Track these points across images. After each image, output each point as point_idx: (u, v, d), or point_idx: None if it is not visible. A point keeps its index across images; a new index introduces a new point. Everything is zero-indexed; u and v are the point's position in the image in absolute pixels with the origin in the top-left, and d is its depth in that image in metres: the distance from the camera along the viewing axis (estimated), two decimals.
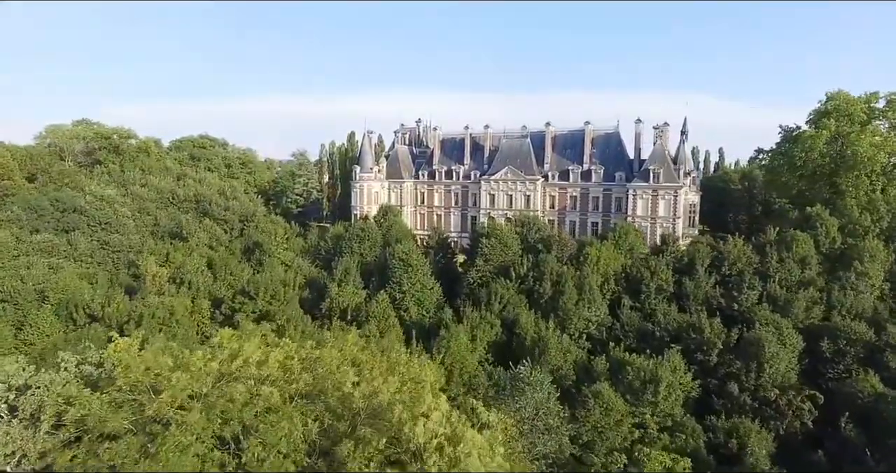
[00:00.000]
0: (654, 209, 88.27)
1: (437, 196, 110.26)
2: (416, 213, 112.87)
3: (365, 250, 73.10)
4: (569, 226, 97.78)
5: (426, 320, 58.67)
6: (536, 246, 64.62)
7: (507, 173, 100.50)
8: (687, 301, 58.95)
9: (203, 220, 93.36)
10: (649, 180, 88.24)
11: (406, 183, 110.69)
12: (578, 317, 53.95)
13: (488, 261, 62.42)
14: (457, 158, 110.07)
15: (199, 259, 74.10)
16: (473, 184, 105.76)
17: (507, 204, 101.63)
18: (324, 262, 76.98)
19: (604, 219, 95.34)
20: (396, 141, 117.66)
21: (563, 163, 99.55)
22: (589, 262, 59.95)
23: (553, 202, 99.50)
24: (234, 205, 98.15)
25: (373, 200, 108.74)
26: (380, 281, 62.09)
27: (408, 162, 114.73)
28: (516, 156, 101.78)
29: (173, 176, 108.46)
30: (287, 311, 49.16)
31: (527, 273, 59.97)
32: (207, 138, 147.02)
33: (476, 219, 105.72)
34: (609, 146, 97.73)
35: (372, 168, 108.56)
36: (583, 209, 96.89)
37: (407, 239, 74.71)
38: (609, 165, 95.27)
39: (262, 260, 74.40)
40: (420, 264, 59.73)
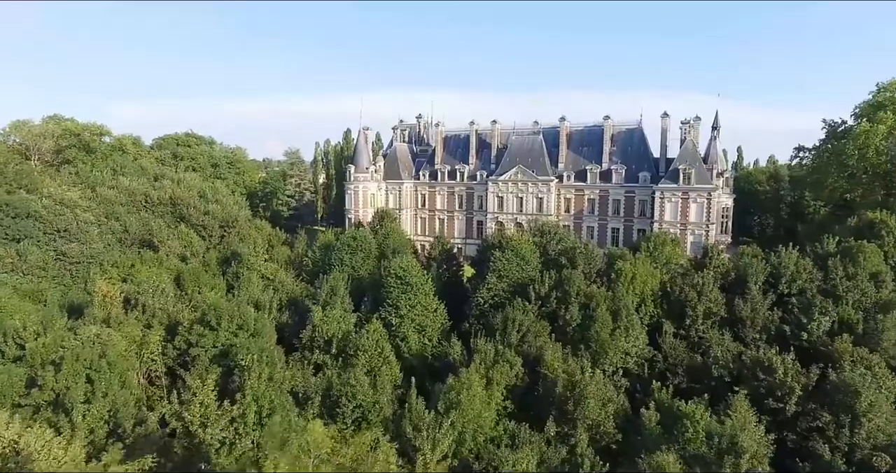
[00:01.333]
0: (684, 214, 78.42)
1: (440, 198, 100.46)
2: (416, 217, 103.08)
3: (357, 263, 63.28)
4: (586, 232, 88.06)
5: (429, 350, 48.83)
6: (558, 260, 54.72)
7: (517, 173, 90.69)
8: (742, 327, 49.02)
9: (178, 226, 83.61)
10: (679, 181, 78.40)
11: (405, 184, 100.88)
12: (615, 350, 44.10)
13: (502, 278, 52.54)
14: (461, 157, 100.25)
15: (166, 273, 64.66)
16: (479, 186, 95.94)
17: (516, 207, 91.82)
18: (311, 275, 67.17)
19: (626, 224, 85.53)
20: (395, 138, 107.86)
21: (580, 163, 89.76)
22: (623, 280, 50.08)
23: (568, 205, 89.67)
24: (215, 208, 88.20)
25: (368, 203, 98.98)
26: (374, 301, 52.27)
27: (407, 161, 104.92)
28: (527, 154, 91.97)
29: (150, 176, 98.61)
30: (256, 346, 39.43)
31: (548, 293, 50.11)
32: (193, 136, 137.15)
33: (483, 224, 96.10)
34: (631, 143, 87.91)
35: (368, 168, 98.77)
36: (602, 213, 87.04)
37: (405, 249, 64.85)
38: (631, 164, 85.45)
39: (239, 273, 64.64)
40: (421, 282, 49.89)
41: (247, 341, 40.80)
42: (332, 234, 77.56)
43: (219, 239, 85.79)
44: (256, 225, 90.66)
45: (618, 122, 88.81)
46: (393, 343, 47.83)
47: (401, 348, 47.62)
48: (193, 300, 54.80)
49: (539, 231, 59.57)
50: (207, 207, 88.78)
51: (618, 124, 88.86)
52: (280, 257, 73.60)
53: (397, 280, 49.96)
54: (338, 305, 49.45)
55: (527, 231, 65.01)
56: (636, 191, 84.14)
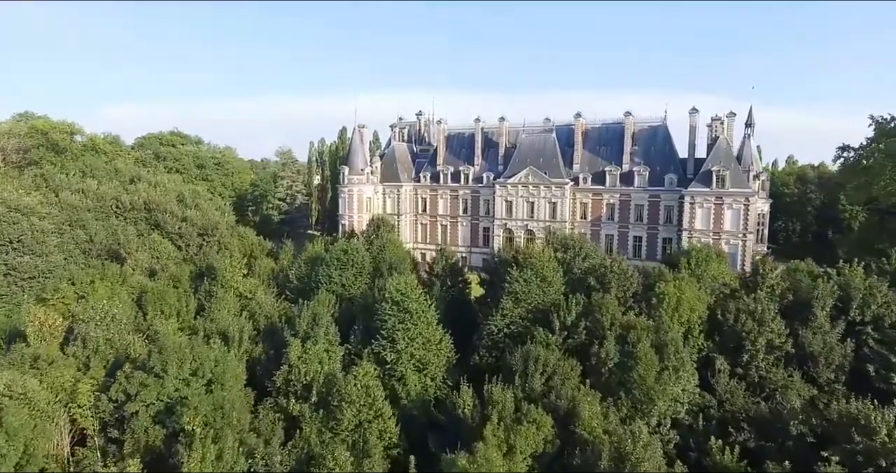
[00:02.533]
0: (718, 221, 69.74)
1: (442, 202, 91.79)
2: (416, 223, 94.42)
3: (348, 280, 54.68)
4: (604, 241, 79.40)
5: (432, 392, 40.18)
6: (585, 280, 46.03)
7: (528, 175, 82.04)
8: (813, 366, 40.40)
9: (151, 235, 75.07)
10: (711, 184, 69.72)
11: (404, 187, 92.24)
12: (662, 397, 35.51)
13: (519, 303, 43.85)
14: (465, 157, 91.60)
15: (127, 292, 56.19)
16: (486, 189, 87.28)
17: (527, 213, 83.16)
18: (296, 292, 58.58)
19: (649, 232, 76.86)
20: (393, 137, 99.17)
21: (597, 163, 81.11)
22: (666, 306, 41.44)
23: (585, 211, 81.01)
24: (193, 214, 79.65)
25: (364, 208, 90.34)
26: (366, 330, 43.58)
27: (407, 161, 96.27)
28: (539, 154, 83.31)
29: (124, 179, 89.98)
30: (211, 401, 30.88)
31: (576, 321, 41.48)
32: (178, 135, 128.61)
33: (489, 231, 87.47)
34: (654, 142, 79.25)
35: (363, 169, 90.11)
36: (622, 219, 78.36)
37: (404, 265, 56.18)
38: (655, 166, 76.80)
39: (212, 291, 56.05)
40: (422, 309, 41.26)
41: (201, 392, 32.12)
42: (322, 245, 68.87)
43: (197, 248, 77.35)
44: (239, 232, 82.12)
45: (639, 119, 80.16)
46: (388, 384, 39.25)
47: (397, 391, 38.98)
48: (153, 327, 46.20)
49: (561, 244, 50.79)
50: (185, 213, 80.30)
51: (640, 121, 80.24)
52: (262, 271, 64.89)
53: (394, 306, 41.30)
54: (320, 337, 40.73)
55: (545, 243, 56.13)
56: (661, 196, 75.49)
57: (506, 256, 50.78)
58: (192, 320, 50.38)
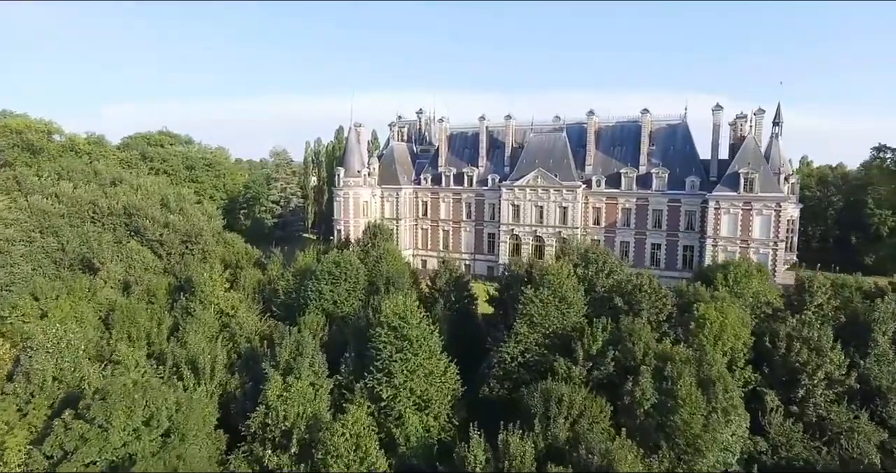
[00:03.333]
0: (745, 228, 63.92)
1: (444, 206, 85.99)
2: (416, 229, 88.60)
3: (340, 297, 48.92)
4: (619, 249, 73.56)
5: (435, 434, 34.36)
6: (611, 300, 40.22)
7: (537, 178, 76.21)
8: (881, 403, 34.63)
9: (129, 242, 69.33)
10: (739, 188, 63.88)
11: (404, 189, 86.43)
12: (712, 447, 29.74)
13: (535, 327, 38.03)
14: (469, 158, 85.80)
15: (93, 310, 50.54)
16: (491, 192, 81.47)
17: (536, 218, 77.34)
18: (284, 309, 52.92)
19: (669, 239, 71.03)
20: (392, 137, 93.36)
21: (612, 165, 75.29)
22: (707, 331, 35.66)
23: (598, 216, 75.18)
24: (176, 220, 73.85)
25: (360, 212, 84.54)
26: (358, 358, 37.78)
27: (406, 162, 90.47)
28: (548, 155, 77.49)
29: (105, 181, 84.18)
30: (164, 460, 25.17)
31: (602, 350, 35.72)
32: (167, 134, 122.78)
33: (495, 237, 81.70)
34: (674, 142, 73.43)
35: (360, 171, 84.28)
36: (639, 225, 72.53)
37: (402, 279, 50.31)
38: (675, 168, 70.98)
39: (189, 308, 50.33)
40: (424, 336, 35.47)
41: (155, 447, 26.31)
42: (313, 254, 63.09)
43: (179, 256, 71.55)
44: (226, 239, 76.47)
45: (657, 118, 74.33)
46: (383, 425, 33.50)
47: (394, 434, 33.17)
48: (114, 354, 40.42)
49: (581, 257, 44.92)
50: (168, 218, 74.47)
51: (657, 119, 74.40)
52: (248, 283, 59.03)
53: (390, 332, 35.47)
54: (304, 369, 34.88)
55: (561, 255, 50.25)
56: (682, 200, 69.66)
57: (517, 271, 44.90)
58: (163, 343, 44.54)
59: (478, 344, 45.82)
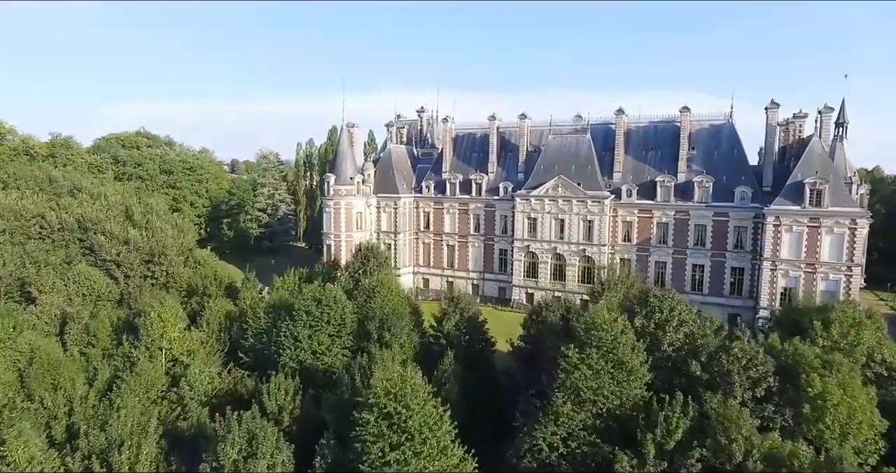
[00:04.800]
0: (812, 249, 53.46)
1: (449, 218, 75.52)
2: (416, 243, 78.13)
3: (321, 345, 38.44)
4: (654, 270, 63.19)
5: None
6: (684, 363, 29.75)
7: (558, 187, 65.74)
8: None
9: (79, 264, 58.89)
10: (804, 201, 53.41)
11: (403, 199, 75.94)
12: None
13: (583, 405, 27.60)
14: (477, 163, 75.36)
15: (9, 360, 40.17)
16: (503, 202, 71.03)
17: (555, 232, 66.87)
18: (254, 357, 42.56)
19: (714, 260, 60.55)
20: (390, 139, 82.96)
21: (645, 172, 64.87)
22: (831, 419, 25.32)
23: (629, 231, 64.71)
24: (138, 236, 63.43)
25: (353, 225, 74.08)
26: (340, 446, 27.35)
27: (406, 168, 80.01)
28: (570, 160, 67.00)
29: (62, 190, 73.74)
30: None
31: (683, 443, 25.39)
32: (145, 136, 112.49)
33: (507, 254, 71.26)
34: (718, 145, 62.97)
35: (353, 178, 73.79)
36: (678, 243, 62.05)
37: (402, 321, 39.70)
38: (721, 175, 60.54)
39: (132, 356, 39.98)
40: (430, 426, 25.13)
41: None
42: (294, 281, 52.64)
43: (140, 279, 61.21)
44: (197, 258, 65.91)
45: (697, 117, 63.90)
46: None
47: None
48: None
49: (637, 300, 34.32)
50: (129, 234, 64.03)
51: (698, 119, 63.96)
52: (213, 317, 48.58)
53: (383, 420, 24.97)
54: (264, 458, 24.51)
55: (607, 294, 39.54)
56: (730, 214, 59.21)
57: (550, 317, 34.34)
58: (87, 413, 34.04)
59: (497, 407, 35.52)
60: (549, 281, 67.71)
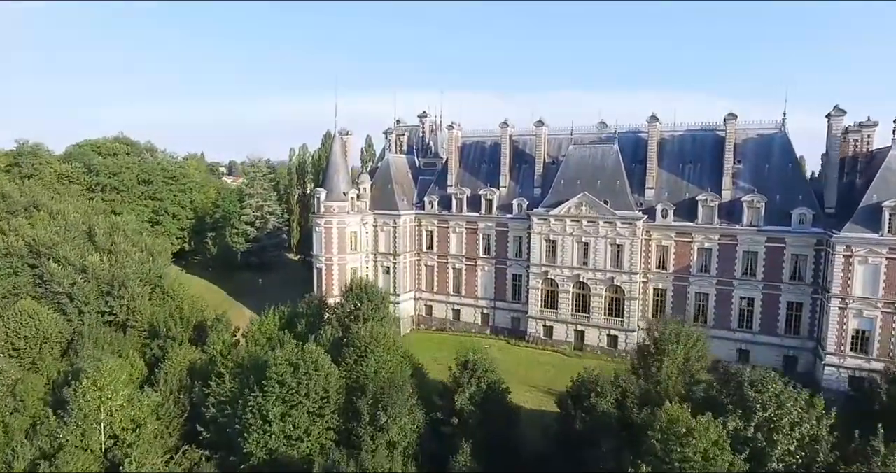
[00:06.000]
0: (891, 286, 44.73)
1: (455, 238, 66.84)
2: (418, 265, 69.49)
3: (297, 428, 29.83)
4: (693, 302, 54.59)
5: None
6: None
7: (581, 204, 57.10)
8: None
9: (24, 299, 50.34)
10: (882, 228, 44.70)
11: (403, 216, 67.24)
12: None
13: None
14: (487, 176, 66.72)
15: None
16: (517, 222, 62.40)
17: (578, 257, 58.23)
18: (216, 433, 34.04)
19: (766, 292, 51.85)
20: (388, 147, 74.32)
21: (682, 188, 56.24)
22: None
23: (664, 257, 56.03)
24: (97, 263, 54.89)
25: (347, 245, 65.41)
26: None
27: (406, 180, 71.34)
28: (595, 174, 58.35)
29: (15, 207, 65.17)
30: None
31: None
32: (124, 141, 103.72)
33: (521, 280, 62.66)
34: (769, 158, 54.29)
35: (346, 192, 65.09)
36: (724, 272, 53.35)
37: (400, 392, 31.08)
38: (774, 194, 51.88)
39: (59, 437, 31.49)
40: None
41: None
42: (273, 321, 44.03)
43: (97, 315, 52.64)
44: (165, 289, 57.13)
45: (745, 125, 55.24)
46: None
47: None
48: None
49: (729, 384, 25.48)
50: (86, 260, 55.51)
51: (745, 127, 55.31)
52: (173, 371, 40.10)
53: None
54: None
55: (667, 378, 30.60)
56: (786, 240, 50.55)
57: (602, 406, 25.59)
58: None
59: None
60: (571, 312, 59.08)
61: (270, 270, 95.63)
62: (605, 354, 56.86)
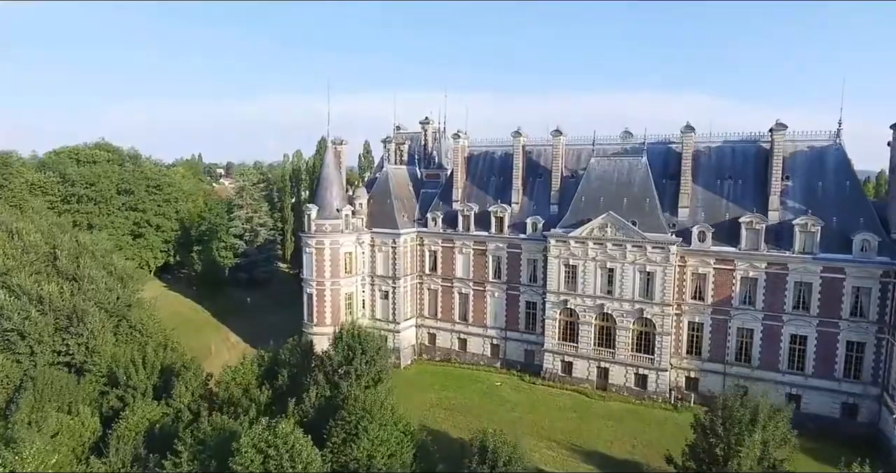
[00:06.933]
0: None
1: (462, 260, 60.01)
2: (420, 289, 62.68)
3: None
4: (735, 339, 47.70)
5: None
6: None
7: (606, 226, 50.26)
8: None
9: None
10: None
11: (403, 235, 60.40)
12: None
13: None
14: (497, 190, 59.93)
15: None
16: (531, 242, 55.61)
17: (602, 285, 51.40)
18: None
19: (823, 330, 44.96)
20: (387, 158, 67.43)
21: (721, 208, 49.42)
22: None
23: (700, 287, 49.16)
24: (55, 293, 48.05)
25: (341, 268, 58.58)
26: None
27: (407, 195, 64.50)
28: (620, 191, 51.51)
29: None
30: None
31: None
32: (104, 148, 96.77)
33: (536, 308, 55.87)
34: (823, 175, 47.42)
35: (340, 209, 58.25)
36: (771, 305, 46.45)
37: None
38: (830, 216, 45.02)
39: None
40: None
41: None
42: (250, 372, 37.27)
43: (52, 356, 45.85)
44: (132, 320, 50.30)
45: (794, 137, 48.39)
46: None
47: None
48: None
49: None
50: (42, 290, 48.69)
51: (794, 139, 48.45)
52: (127, 437, 33.29)
53: None
54: None
55: None
56: (846, 270, 43.68)
57: None
58: None
59: None
60: (593, 347, 52.27)
61: (261, 287, 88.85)
62: (633, 396, 50.09)
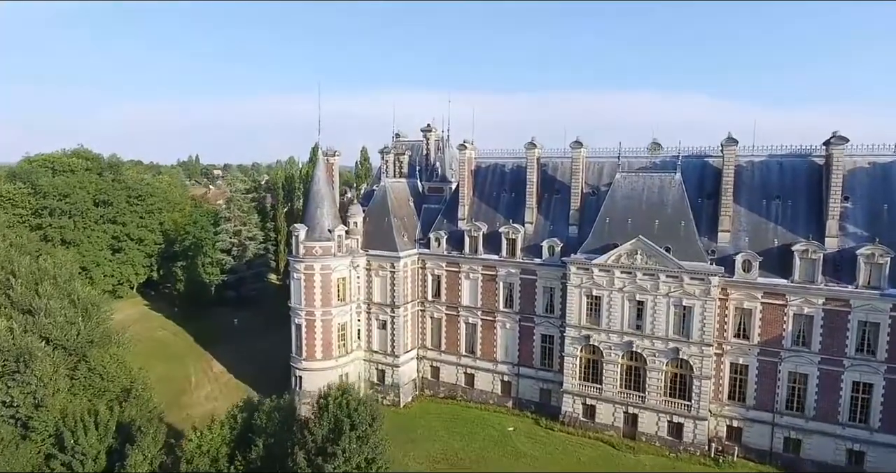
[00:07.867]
0: None
1: (469, 285, 53.56)
2: (422, 318, 56.28)
3: None
4: (786, 384, 41.32)
5: None
6: None
7: (636, 251, 43.85)
8: None
9: None
10: None
11: (403, 258, 53.93)
12: None
13: None
14: (508, 208, 53.55)
15: None
16: (547, 268, 49.21)
17: (631, 319, 44.99)
18: None
19: (892, 377, 38.58)
20: (385, 171, 60.86)
21: (768, 233, 43.07)
22: None
23: (745, 324, 42.75)
24: (4, 331, 41.57)
25: (333, 296, 52.10)
26: None
27: (407, 212, 58.05)
28: (651, 212, 45.12)
29: None
30: None
31: None
32: (82, 155, 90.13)
33: (553, 342, 49.53)
34: (888, 195, 41.06)
35: (332, 229, 51.79)
36: (829, 347, 40.09)
37: None
38: None
39: None
40: None
41: None
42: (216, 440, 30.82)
43: None
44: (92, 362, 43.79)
45: (852, 151, 42.02)
46: None
47: None
48: None
49: None
50: None
51: (850, 154, 42.08)
52: None
53: None
54: None
55: None
56: None
57: None
58: None
59: None
60: (620, 389, 45.91)
61: (250, 305, 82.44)
62: (666, 446, 43.79)
